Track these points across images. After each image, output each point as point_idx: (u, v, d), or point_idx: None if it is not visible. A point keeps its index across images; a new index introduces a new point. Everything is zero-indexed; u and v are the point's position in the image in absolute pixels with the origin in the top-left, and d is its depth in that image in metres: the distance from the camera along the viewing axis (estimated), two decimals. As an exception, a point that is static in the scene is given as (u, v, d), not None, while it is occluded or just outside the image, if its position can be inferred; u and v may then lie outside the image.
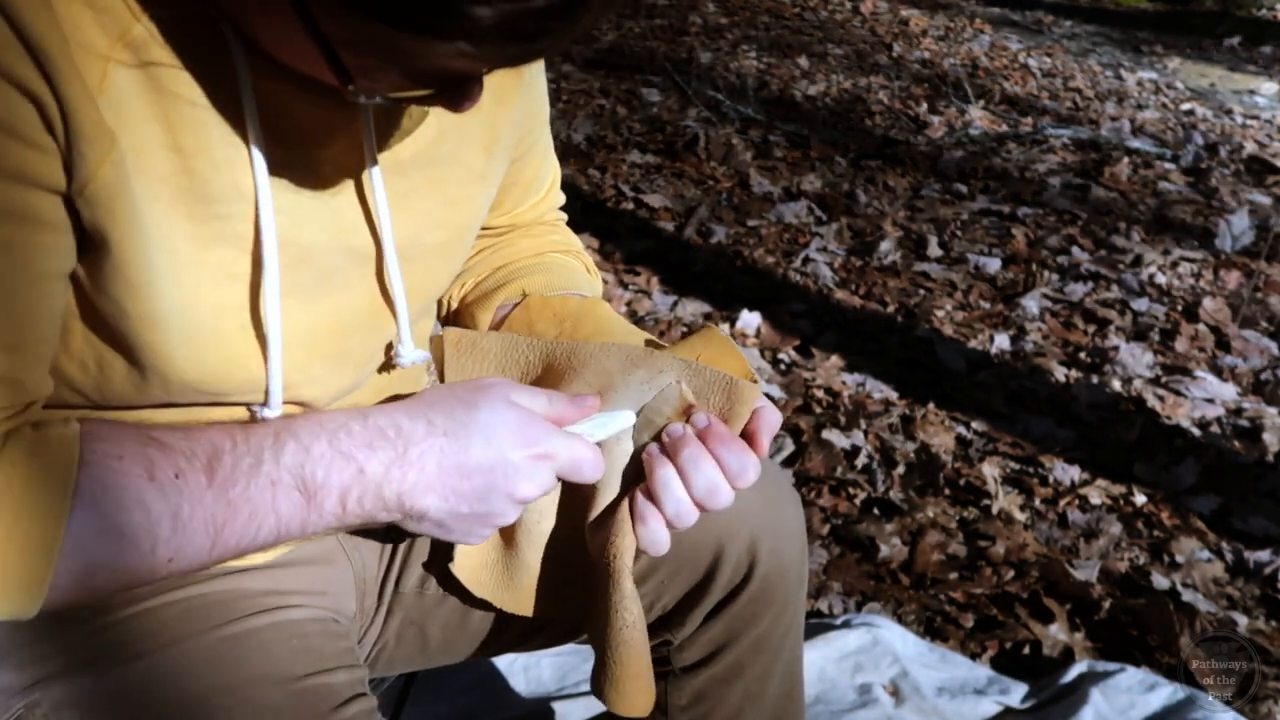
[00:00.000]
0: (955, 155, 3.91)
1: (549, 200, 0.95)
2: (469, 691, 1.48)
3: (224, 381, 0.66)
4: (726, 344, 0.76)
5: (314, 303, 0.67)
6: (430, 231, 0.74)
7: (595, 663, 0.77)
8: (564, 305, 0.84)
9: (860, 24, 6.22)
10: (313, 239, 0.66)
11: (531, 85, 0.82)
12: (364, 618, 0.86)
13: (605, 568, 0.73)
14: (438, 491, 0.65)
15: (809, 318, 2.69)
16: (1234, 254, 3.20)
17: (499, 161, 0.79)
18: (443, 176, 0.74)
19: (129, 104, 0.56)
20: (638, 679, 0.74)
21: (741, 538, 0.87)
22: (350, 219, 0.69)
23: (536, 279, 0.87)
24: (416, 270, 0.74)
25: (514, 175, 0.86)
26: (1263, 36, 6.72)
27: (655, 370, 0.73)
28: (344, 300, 0.70)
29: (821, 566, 1.81)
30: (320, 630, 0.75)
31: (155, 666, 0.68)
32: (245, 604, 0.73)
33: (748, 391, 0.72)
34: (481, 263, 0.91)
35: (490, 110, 0.75)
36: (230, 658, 0.69)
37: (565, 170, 3.88)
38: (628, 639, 0.73)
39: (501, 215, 0.90)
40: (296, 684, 0.69)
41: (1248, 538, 1.94)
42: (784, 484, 0.94)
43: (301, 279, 0.66)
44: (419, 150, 0.71)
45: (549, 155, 0.92)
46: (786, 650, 0.94)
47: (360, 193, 0.69)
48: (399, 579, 0.87)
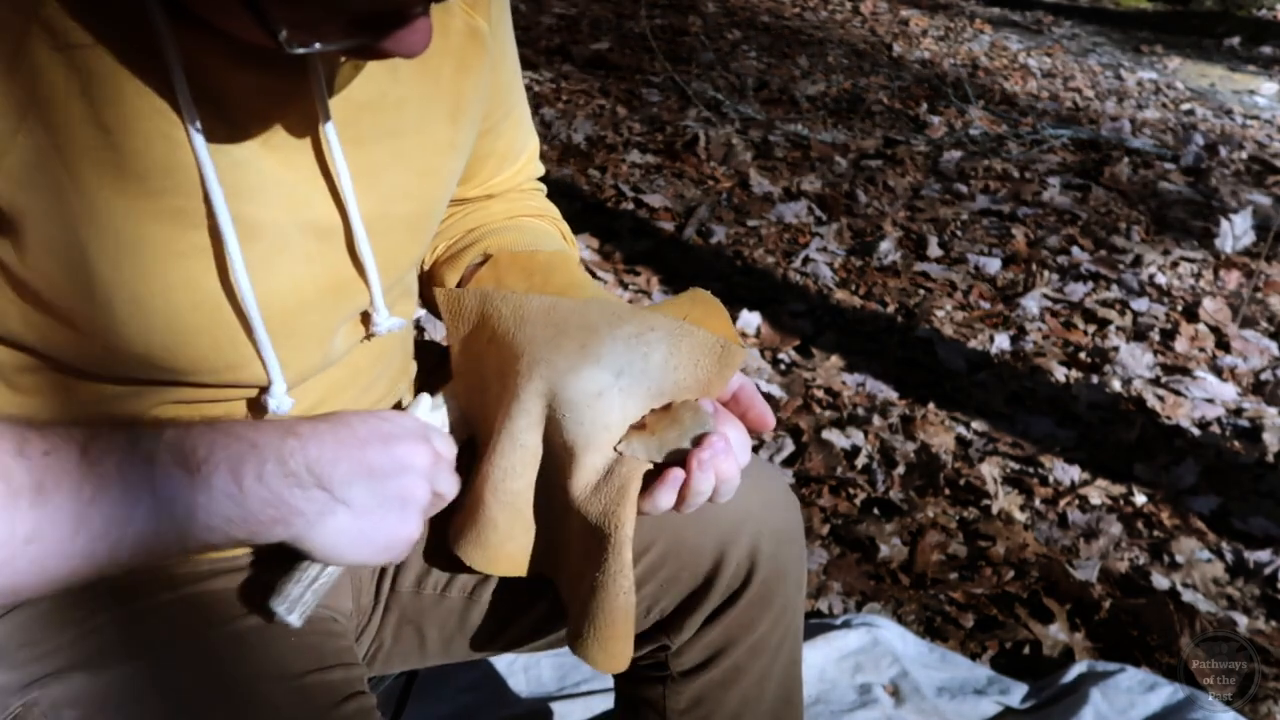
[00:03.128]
0: (955, 155, 3.91)
1: (526, 171, 0.93)
2: (469, 691, 1.48)
3: (178, 359, 0.64)
4: (714, 304, 0.74)
5: (269, 279, 0.65)
6: (399, 203, 0.72)
7: (576, 621, 0.75)
8: (531, 259, 0.82)
9: (860, 24, 6.22)
10: (262, 214, 0.64)
11: (501, 57, 0.80)
12: (361, 616, 0.86)
13: (605, 537, 0.70)
14: (346, 461, 0.63)
15: (809, 318, 2.69)
16: (1234, 254, 3.20)
17: (466, 130, 0.77)
18: (408, 147, 0.72)
19: (48, 80, 0.55)
20: (624, 638, 0.73)
21: (742, 543, 0.86)
22: (308, 193, 0.66)
23: (508, 237, 0.85)
24: (386, 243, 0.72)
25: (488, 147, 0.84)
26: (1263, 36, 6.72)
27: (645, 327, 0.70)
28: (304, 275, 0.67)
29: (821, 566, 1.81)
30: (318, 628, 0.74)
31: (153, 665, 0.68)
32: (242, 603, 0.73)
33: (735, 356, 0.71)
34: (453, 225, 0.90)
35: (453, 78, 0.73)
36: (228, 656, 0.69)
37: (565, 170, 3.87)
38: (622, 604, 0.72)
39: (476, 187, 0.89)
40: (295, 682, 0.69)
41: (1248, 538, 1.94)
42: (783, 487, 0.93)
43: (252, 255, 0.63)
44: (380, 120, 0.69)
45: (524, 127, 0.90)
46: (785, 654, 0.93)
47: (321, 166, 0.66)
48: (395, 577, 0.87)
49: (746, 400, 0.74)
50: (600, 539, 0.71)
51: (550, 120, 3.97)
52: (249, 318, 0.64)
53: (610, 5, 5.88)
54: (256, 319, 0.64)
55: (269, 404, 0.68)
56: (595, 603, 0.72)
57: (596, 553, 0.71)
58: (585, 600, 0.73)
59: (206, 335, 0.64)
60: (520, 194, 0.93)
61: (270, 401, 0.68)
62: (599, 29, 5.37)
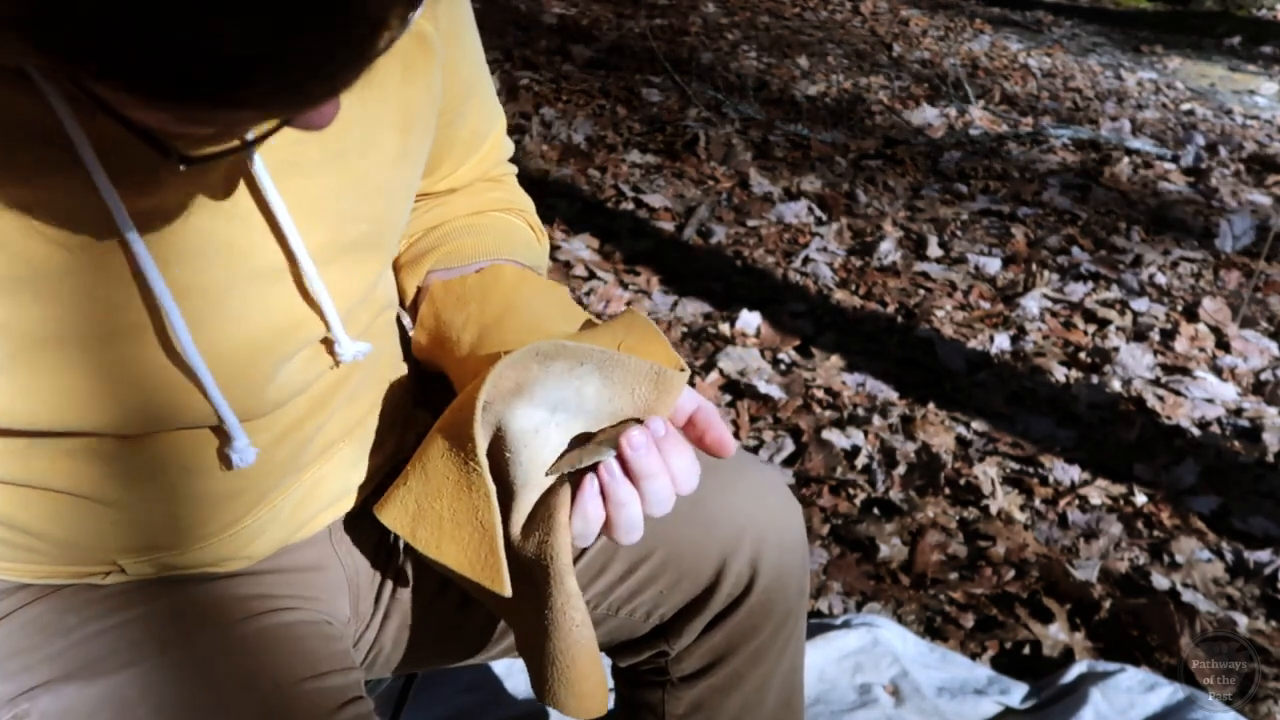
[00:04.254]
0: (955, 155, 3.91)
1: (493, 155, 0.89)
2: (468, 692, 1.48)
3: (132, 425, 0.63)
4: (649, 328, 0.72)
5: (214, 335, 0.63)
6: (349, 229, 0.68)
7: (538, 670, 0.71)
8: (463, 285, 0.80)
9: (860, 24, 6.22)
10: (199, 277, 0.61)
11: (455, 56, 0.76)
12: (359, 622, 0.85)
13: (544, 569, 0.67)
14: None
15: (809, 318, 2.69)
16: (1234, 254, 3.20)
17: (419, 136, 0.73)
18: (356, 169, 0.67)
19: None
20: (591, 677, 0.70)
21: (744, 550, 0.85)
22: (247, 242, 0.63)
23: (468, 242, 0.82)
24: (339, 271, 0.68)
25: (450, 137, 0.81)
26: (1263, 36, 6.72)
27: (576, 360, 0.68)
28: (252, 324, 0.64)
29: (821, 566, 1.81)
30: (314, 633, 0.74)
31: (144, 674, 0.67)
32: (235, 609, 0.72)
33: (675, 380, 0.69)
34: (414, 221, 0.86)
35: (399, 90, 0.69)
36: (221, 664, 0.68)
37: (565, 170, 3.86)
38: (578, 638, 0.68)
39: (441, 179, 0.85)
40: (291, 689, 0.68)
41: (1248, 538, 1.94)
42: (785, 493, 0.92)
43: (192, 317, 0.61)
44: (323, 147, 0.65)
45: (487, 109, 0.86)
46: (786, 660, 0.93)
47: (261, 208, 0.63)
48: (396, 583, 0.86)
49: (703, 423, 0.71)
50: (542, 574, 0.68)
51: (550, 120, 3.97)
52: (200, 380, 0.62)
53: (610, 5, 5.88)
54: (209, 380, 0.62)
55: (232, 458, 0.66)
56: (552, 644, 0.69)
57: (540, 589, 0.69)
58: (541, 644, 0.70)
59: (155, 403, 0.62)
60: (485, 184, 0.89)
61: (234, 456, 0.66)
62: (599, 29, 5.37)
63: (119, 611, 0.70)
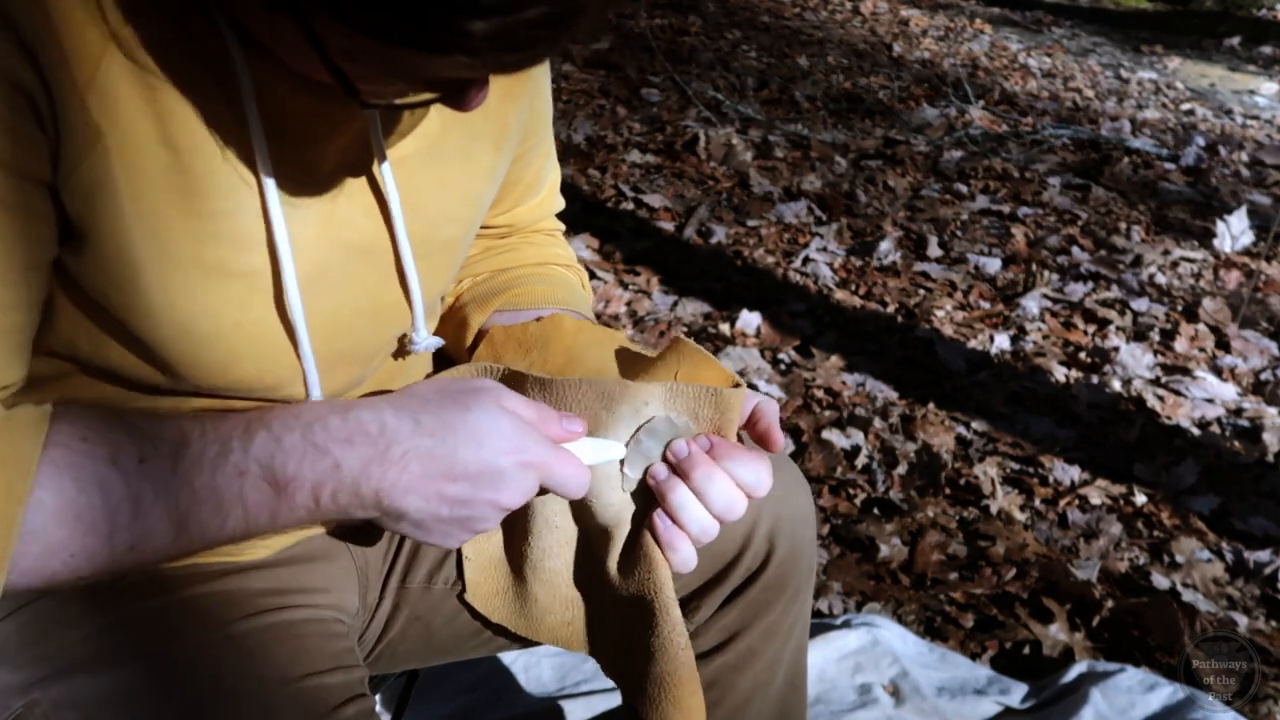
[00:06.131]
0: (955, 155, 3.91)
1: (548, 204, 0.95)
2: (470, 691, 1.48)
3: (222, 377, 0.65)
4: (699, 354, 0.75)
5: (313, 300, 0.67)
6: (443, 228, 0.74)
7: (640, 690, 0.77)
8: (525, 332, 0.83)
9: (860, 24, 6.22)
10: (314, 237, 0.66)
11: (539, 84, 0.82)
12: (366, 612, 0.86)
13: (649, 605, 0.74)
14: (419, 493, 0.63)
15: (809, 318, 2.69)
16: (1234, 254, 3.20)
17: (505, 157, 0.79)
18: (452, 173, 0.74)
19: (121, 100, 0.57)
20: (696, 693, 0.77)
21: (763, 525, 0.88)
22: (357, 217, 0.68)
23: (539, 289, 0.87)
24: (428, 266, 0.74)
25: (517, 174, 0.86)
26: (1263, 36, 6.72)
27: (640, 403, 0.72)
28: (345, 298, 0.69)
29: (821, 566, 1.81)
30: (318, 631, 0.75)
31: (153, 668, 0.68)
32: (244, 605, 0.73)
33: (734, 398, 0.72)
34: (481, 263, 0.91)
35: (499, 107, 0.75)
36: (227, 660, 0.69)
37: (565, 170, 3.86)
38: (684, 660, 0.75)
39: (501, 214, 0.90)
40: (293, 685, 0.69)
41: (1248, 538, 1.94)
42: (796, 472, 0.95)
43: (301, 277, 0.66)
44: (426, 147, 0.71)
45: (551, 159, 0.92)
46: (795, 638, 0.95)
47: (372, 190, 0.69)
48: (406, 573, 0.87)
49: (755, 416, 0.74)
50: (645, 607, 0.75)
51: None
52: (297, 339, 0.66)
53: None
54: (305, 340, 0.66)
55: None
56: (658, 667, 0.76)
57: (645, 620, 0.75)
58: (644, 666, 0.77)
59: (250, 357, 0.66)
60: (544, 236, 0.95)
61: None
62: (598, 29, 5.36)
63: (130, 605, 0.71)
